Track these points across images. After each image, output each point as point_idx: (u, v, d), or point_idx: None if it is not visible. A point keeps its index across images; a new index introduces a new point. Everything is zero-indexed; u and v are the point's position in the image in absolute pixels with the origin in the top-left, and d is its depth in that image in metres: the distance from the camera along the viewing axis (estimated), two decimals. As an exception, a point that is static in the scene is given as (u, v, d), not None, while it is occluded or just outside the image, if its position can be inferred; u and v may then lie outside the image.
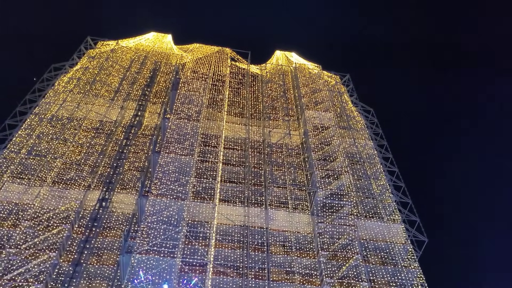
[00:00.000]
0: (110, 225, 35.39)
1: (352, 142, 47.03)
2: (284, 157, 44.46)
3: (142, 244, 30.68)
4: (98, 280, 32.09)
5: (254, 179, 41.13)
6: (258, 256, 34.44)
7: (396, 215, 39.35)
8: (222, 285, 32.19)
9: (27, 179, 37.35)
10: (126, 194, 37.54)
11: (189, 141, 39.78)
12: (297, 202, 39.86)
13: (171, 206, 33.57)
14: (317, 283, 33.53)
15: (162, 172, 36.20)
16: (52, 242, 32.23)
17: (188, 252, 32.33)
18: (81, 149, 41.25)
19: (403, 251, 36.62)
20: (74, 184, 37.27)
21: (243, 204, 38.20)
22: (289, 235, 36.67)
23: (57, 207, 34.84)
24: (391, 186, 43.28)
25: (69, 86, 48.96)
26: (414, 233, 39.82)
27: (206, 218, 35.20)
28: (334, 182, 40.16)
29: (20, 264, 30.40)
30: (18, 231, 32.47)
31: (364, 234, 37.38)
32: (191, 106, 44.28)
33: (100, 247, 33.74)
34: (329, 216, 37.35)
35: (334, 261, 34.09)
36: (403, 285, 34.20)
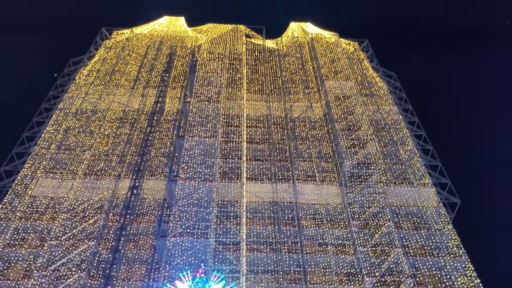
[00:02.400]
0: (143, 211, 36.27)
1: (375, 109, 46.29)
2: (308, 131, 44.23)
3: (175, 227, 31.38)
4: (137, 265, 33.14)
5: (279, 155, 41.17)
6: (289, 231, 34.77)
7: (426, 179, 38.85)
8: (256, 262, 32.73)
9: (59, 173, 38.49)
10: (155, 180, 38.27)
11: (212, 122, 39.96)
12: (324, 174, 39.79)
13: (200, 189, 34.06)
14: (350, 253, 33.71)
15: (188, 156, 36.63)
16: (89, 231, 33.34)
17: (221, 232, 32.91)
18: (107, 139, 42.07)
19: (435, 215, 36.26)
20: (104, 175, 38.18)
21: (270, 180, 38.40)
22: (319, 207, 36.77)
23: (90, 198, 35.87)
24: (419, 150, 42.64)
25: (89, 79, 49.63)
26: (446, 196, 39.37)
27: (235, 197, 35.59)
28: (360, 151, 39.79)
29: (62, 254, 31.64)
30: (56, 224, 33.70)
31: (395, 201, 37.13)
32: (210, 88, 44.30)
33: (136, 233, 34.70)
34: (358, 185, 37.19)
35: (366, 230, 34.11)
36: (437, 248, 34.03)
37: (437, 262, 33.05)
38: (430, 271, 32.92)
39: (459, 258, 32.92)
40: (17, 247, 33.11)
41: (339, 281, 32.18)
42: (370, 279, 30.85)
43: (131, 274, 32.39)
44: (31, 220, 34.65)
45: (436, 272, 32.87)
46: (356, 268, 32.75)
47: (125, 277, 32.07)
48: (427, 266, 33.03)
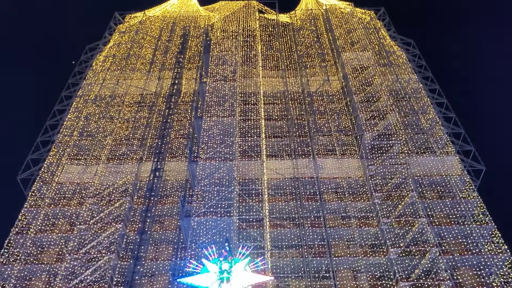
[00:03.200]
0: (167, 193, 36.90)
1: (394, 79, 45.33)
2: (326, 104, 43.78)
3: (199, 207, 31.87)
4: (164, 245, 33.96)
5: (298, 130, 41.00)
6: (312, 206, 34.89)
7: (449, 147, 38.17)
8: (280, 237, 33.09)
9: (83, 159, 39.33)
10: (176, 162, 38.74)
11: (229, 102, 39.93)
12: (345, 147, 39.52)
13: (220, 168, 34.34)
14: (374, 225, 33.71)
15: (207, 136, 36.84)
16: (116, 214, 34.19)
17: (244, 209, 33.28)
18: (127, 124, 42.61)
19: (460, 183, 35.76)
20: (127, 159, 38.84)
21: (290, 156, 38.38)
22: (340, 181, 36.68)
23: (115, 182, 36.64)
24: (441, 118, 41.77)
25: (106, 64, 49.99)
26: (470, 163, 38.71)
27: (256, 175, 35.79)
28: (380, 122, 39.25)
29: (92, 238, 32.64)
30: (84, 208, 34.65)
31: (418, 171, 36.70)
32: (225, 67, 44.09)
33: (161, 214, 35.41)
34: (379, 157, 36.85)
35: (389, 201, 33.95)
36: (463, 216, 33.70)
37: (462, 230, 32.80)
38: (456, 240, 32.72)
39: (485, 225, 32.56)
40: (48, 232, 34.27)
41: (363, 252, 32.33)
42: (395, 250, 30.89)
43: (158, 254, 33.26)
44: (60, 206, 35.72)
45: (462, 240, 32.65)
46: (380, 240, 32.78)
47: (153, 257, 32.95)
48: (453, 234, 32.81)
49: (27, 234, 33.51)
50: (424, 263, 30.02)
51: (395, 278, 30.20)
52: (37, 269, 32.16)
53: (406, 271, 30.33)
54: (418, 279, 29.59)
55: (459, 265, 31.28)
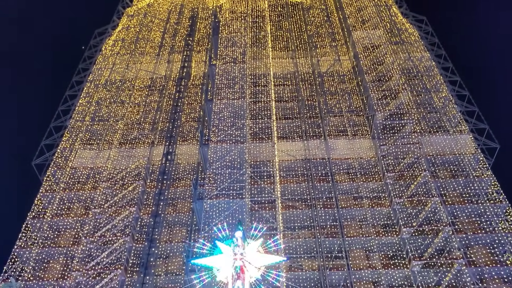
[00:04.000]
0: (179, 176, 37.20)
1: (406, 57, 44.54)
2: (337, 85, 43.33)
3: (211, 189, 32.10)
4: (178, 227, 34.40)
5: (309, 111, 40.75)
6: (324, 187, 34.89)
7: (463, 125, 37.65)
8: (292, 218, 33.27)
9: (96, 144, 39.71)
10: (188, 145, 38.92)
11: (239, 84, 39.75)
12: (356, 128, 39.24)
13: (232, 151, 34.42)
14: (386, 205, 33.67)
15: (218, 119, 36.84)
16: (130, 198, 34.64)
17: (255, 191, 33.43)
18: (138, 108, 42.78)
19: (473, 161, 35.38)
20: (138, 143, 39.11)
21: (301, 138, 38.26)
22: (352, 162, 36.54)
23: (128, 166, 37.00)
24: (454, 97, 41.10)
25: (115, 48, 49.95)
26: (484, 141, 38.21)
27: (268, 157, 35.82)
28: (392, 102, 38.81)
29: (106, 221, 33.18)
30: (98, 193, 35.14)
31: (430, 150, 36.38)
32: (234, 49, 43.72)
33: (174, 197, 35.79)
34: (391, 137, 36.56)
35: (401, 181, 33.80)
36: (476, 195, 33.45)
37: (476, 209, 32.61)
38: (469, 218, 32.58)
39: (499, 203, 32.32)
40: (64, 216, 34.92)
41: (376, 232, 32.40)
42: (408, 229, 30.89)
43: (172, 236, 33.73)
44: (74, 190, 36.27)
45: (476, 219, 32.50)
46: (393, 219, 32.78)
47: (167, 239, 33.44)
48: (466, 213, 32.67)
49: (44, 218, 34.19)
50: (437, 242, 30.00)
51: (407, 257, 30.29)
52: (55, 252, 32.89)
53: (418, 250, 30.38)
54: (431, 258, 29.64)
55: (472, 244, 31.23)
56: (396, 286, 29.90)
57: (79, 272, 30.09)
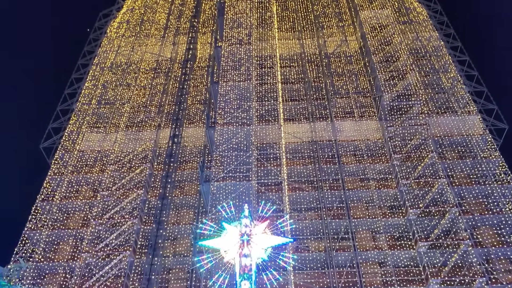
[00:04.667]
0: (186, 159, 37.34)
1: (415, 37, 43.87)
2: (344, 66, 42.90)
3: (218, 172, 32.22)
4: (185, 209, 34.70)
5: (315, 93, 40.49)
6: (330, 169, 34.89)
7: (471, 106, 37.26)
8: (299, 200, 33.39)
9: (102, 127, 39.86)
10: (194, 128, 38.94)
11: (245, 66, 39.47)
12: (363, 109, 38.99)
13: (238, 133, 34.41)
14: (393, 186, 33.65)
15: (224, 101, 36.73)
16: (137, 181, 34.90)
17: (262, 173, 33.52)
18: (144, 91, 42.71)
19: (481, 142, 35.13)
20: (145, 126, 39.19)
21: (308, 120, 38.12)
22: (358, 143, 36.42)
23: (134, 149, 37.16)
24: (462, 77, 40.57)
25: (120, 31, 49.66)
26: (492, 122, 37.85)
27: (274, 139, 35.78)
28: (400, 82, 38.43)
29: (114, 203, 33.52)
30: (106, 175, 35.41)
31: (438, 131, 36.12)
32: (240, 30, 43.27)
33: (181, 180, 35.99)
34: (398, 118, 36.32)
35: (408, 163, 33.72)
36: (484, 176, 33.31)
37: (483, 190, 32.52)
38: (476, 200, 32.53)
39: (507, 184, 32.18)
40: (73, 198, 35.31)
41: (382, 214, 32.48)
42: (414, 211, 30.92)
43: (180, 218, 34.05)
44: (82, 173, 36.58)
45: (483, 200, 32.45)
46: (400, 201, 32.80)
47: (175, 221, 33.77)
48: (473, 194, 32.59)
49: (53, 201, 34.60)
50: (444, 223, 30.04)
51: (414, 238, 30.40)
52: (64, 234, 33.39)
53: (425, 231, 30.47)
54: (437, 239, 29.73)
55: (479, 225, 31.25)
56: (402, 266, 30.10)
57: (88, 253, 30.56)
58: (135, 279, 30.56)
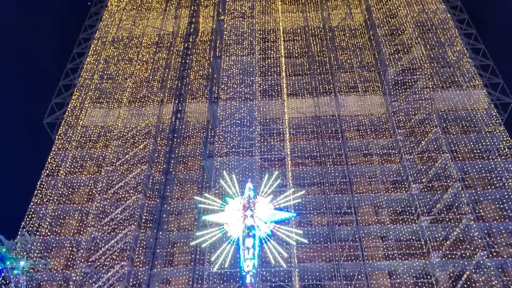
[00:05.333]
0: (189, 134, 37.34)
1: (420, 9, 42.97)
2: (348, 39, 42.25)
3: (221, 147, 32.27)
4: (189, 184, 34.93)
5: (319, 68, 40.04)
6: (333, 144, 34.84)
7: (477, 80, 36.82)
8: (302, 175, 33.50)
9: (105, 103, 39.78)
10: (197, 103, 38.79)
11: (248, 39, 38.96)
12: (367, 84, 38.62)
13: (241, 108, 34.27)
14: (396, 161, 33.67)
15: (227, 76, 36.45)
16: (141, 156, 35.04)
17: (265, 149, 33.51)
18: (146, 66, 42.38)
19: (486, 117, 34.88)
20: (148, 101, 39.06)
21: (311, 95, 37.83)
22: (362, 118, 36.24)
23: (138, 125, 37.16)
24: (469, 50, 39.92)
25: (121, 4, 48.90)
26: (498, 96, 37.49)
27: (277, 114, 35.61)
28: (405, 56, 37.91)
29: (119, 179, 33.77)
30: (110, 151, 35.56)
31: (442, 106, 35.85)
32: (243, 3, 42.49)
33: (184, 155, 36.09)
34: (403, 93, 36.01)
35: (412, 138, 33.62)
36: (488, 151, 33.21)
37: (487, 164, 32.48)
38: (479, 174, 32.55)
39: (511, 159, 32.12)
40: (77, 174, 35.60)
41: (385, 189, 32.62)
42: (417, 186, 31.02)
43: (184, 193, 34.32)
44: (86, 149, 36.75)
45: (486, 175, 32.46)
46: (403, 176, 32.88)
47: (179, 196, 34.05)
48: (476, 169, 32.59)
49: (58, 176, 34.89)
50: (446, 198, 30.17)
51: (416, 213, 30.60)
52: (70, 209, 33.81)
53: (427, 206, 30.65)
54: (440, 213, 29.91)
55: (482, 199, 31.37)
56: (404, 240, 30.42)
57: (94, 227, 31.00)
58: (140, 253, 31.09)
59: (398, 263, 28.79)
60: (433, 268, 28.31)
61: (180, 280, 30.12)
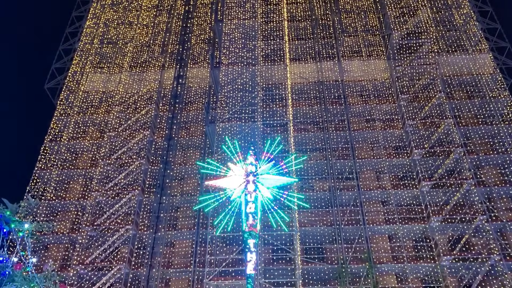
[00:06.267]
0: (191, 100, 37.15)
1: (427, -30, 41.66)
2: (352, 2, 41.16)
3: (223, 113, 32.17)
4: (191, 150, 35.07)
5: (323, 32, 39.25)
6: (336, 109, 34.65)
7: (483, 44, 36.14)
8: (304, 141, 33.52)
9: (106, 68, 39.40)
10: (198, 68, 38.34)
11: (250, 2, 38.04)
12: (371, 48, 37.96)
13: (243, 73, 33.90)
14: (398, 127, 33.58)
15: (229, 41, 35.85)
16: (143, 122, 35.04)
17: (267, 114, 33.38)
18: (147, 30, 41.65)
19: (491, 81, 34.46)
20: (149, 66, 38.64)
21: (314, 60, 37.27)
22: (365, 84, 35.87)
23: (139, 90, 36.94)
24: (476, 13, 38.96)
25: (119, -35, 47.52)
26: (503, 60, 36.93)
27: (280, 79, 35.26)
28: (410, 20, 37.06)
29: (121, 144, 33.91)
30: (112, 116, 35.52)
31: (447, 71, 35.38)
32: (244, -37, 41.25)
33: (186, 121, 36.05)
34: (407, 57, 35.45)
35: (415, 103, 33.39)
36: (491, 116, 33.03)
37: (489, 130, 32.39)
38: (482, 140, 32.53)
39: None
40: (80, 139, 35.72)
41: (387, 154, 32.69)
42: (419, 151, 31.05)
43: (186, 158, 34.51)
44: (88, 114, 36.71)
45: (488, 140, 32.43)
46: (405, 141, 32.87)
47: (181, 161, 34.26)
48: (479, 134, 32.54)
49: (61, 141, 35.03)
50: (448, 163, 30.26)
51: (417, 178, 30.78)
52: (74, 174, 34.13)
53: (429, 171, 30.79)
54: (441, 178, 30.08)
55: (483, 164, 31.47)
56: (405, 205, 30.75)
57: (98, 192, 31.38)
58: (144, 217, 31.61)
59: (398, 227, 29.22)
60: (433, 232, 28.75)
61: (183, 243, 30.76)
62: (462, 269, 27.36)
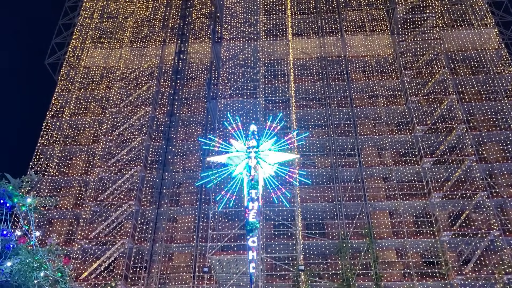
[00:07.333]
0: (192, 75, 36.88)
1: None
2: (356, -25, 40.36)
3: (224, 89, 31.96)
4: (193, 126, 35.04)
5: (326, 6, 38.58)
6: (339, 85, 34.39)
7: (489, 18, 35.56)
8: (306, 117, 33.41)
9: (107, 43, 38.99)
10: (200, 43, 37.91)
11: (251, -25, 37.29)
12: (375, 23, 37.40)
13: (245, 49, 33.53)
14: (401, 103, 33.39)
15: (230, 15, 35.31)
16: (144, 98, 34.88)
17: (269, 91, 33.19)
18: (147, 4, 41.02)
19: (496, 57, 34.09)
20: (150, 41, 38.20)
21: (317, 35, 36.77)
22: (369, 59, 35.47)
23: (140, 66, 36.64)
24: (482, -14, 38.21)
25: None
26: (509, 35, 36.37)
27: (282, 55, 34.87)
28: (415, -7, 36.35)
29: (123, 120, 33.86)
30: (113, 92, 35.36)
31: (451, 46, 34.95)
32: None
33: (188, 97, 35.88)
34: (411, 32, 34.94)
35: (418, 79, 33.10)
36: (495, 92, 32.79)
37: (493, 106, 32.21)
38: (485, 116, 32.40)
39: (518, 100, 31.77)
40: (82, 115, 35.68)
41: (389, 131, 32.60)
42: (421, 127, 30.96)
43: (188, 135, 34.51)
44: (90, 90, 36.56)
45: (492, 116, 32.30)
46: (407, 118, 32.74)
47: (183, 137, 34.27)
48: (482, 111, 32.39)
49: (62, 117, 35.01)
50: (450, 139, 30.20)
51: (419, 154, 30.79)
52: (76, 150, 34.24)
53: (430, 148, 30.77)
54: (443, 155, 30.07)
55: (486, 141, 31.42)
56: (406, 181, 30.86)
57: (101, 168, 31.54)
58: (147, 193, 31.85)
59: (399, 203, 29.41)
60: (433, 208, 28.94)
61: (186, 219, 31.08)
62: (462, 244, 27.65)
